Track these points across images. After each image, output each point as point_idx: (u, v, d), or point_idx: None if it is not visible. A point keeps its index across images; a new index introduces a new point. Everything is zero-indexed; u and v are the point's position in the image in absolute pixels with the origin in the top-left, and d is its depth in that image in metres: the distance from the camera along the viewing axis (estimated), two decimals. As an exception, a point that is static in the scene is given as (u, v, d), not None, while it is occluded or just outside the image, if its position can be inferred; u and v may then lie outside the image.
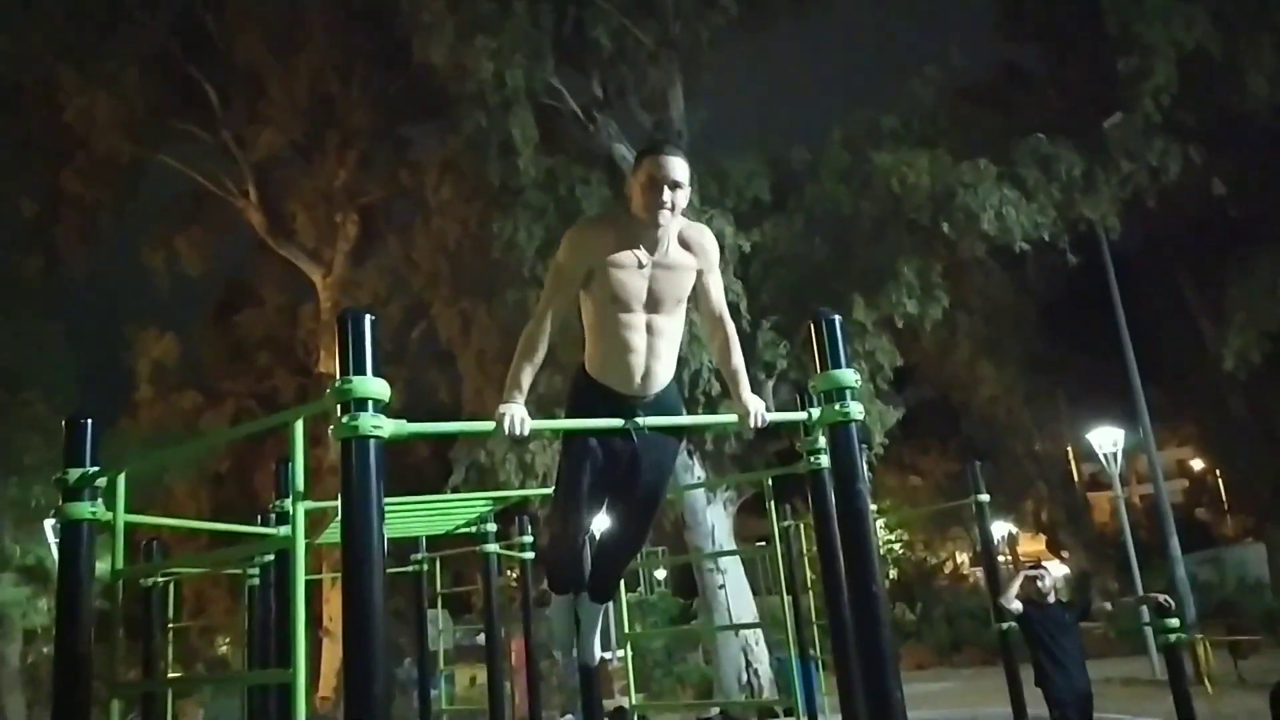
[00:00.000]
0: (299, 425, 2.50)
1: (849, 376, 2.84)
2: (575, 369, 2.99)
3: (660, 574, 25.55)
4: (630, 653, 5.04)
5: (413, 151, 20.69)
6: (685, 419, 2.98)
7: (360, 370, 2.32)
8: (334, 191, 20.71)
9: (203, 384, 21.41)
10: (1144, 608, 10.22)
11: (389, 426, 2.33)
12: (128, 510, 2.97)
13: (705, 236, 2.86)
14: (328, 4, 18.06)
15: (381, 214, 21.89)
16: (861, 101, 13.58)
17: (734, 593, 12.70)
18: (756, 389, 12.48)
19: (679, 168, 2.68)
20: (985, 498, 7.19)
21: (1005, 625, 6.83)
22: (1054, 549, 27.94)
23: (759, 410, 2.85)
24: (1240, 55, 11.69)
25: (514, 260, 12.23)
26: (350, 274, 20.94)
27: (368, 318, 2.37)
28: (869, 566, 2.72)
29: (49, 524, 10.65)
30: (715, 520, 12.80)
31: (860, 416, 2.84)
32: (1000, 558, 26.31)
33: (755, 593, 13.90)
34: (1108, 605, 6.77)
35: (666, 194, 2.65)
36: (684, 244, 2.80)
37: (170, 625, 6.69)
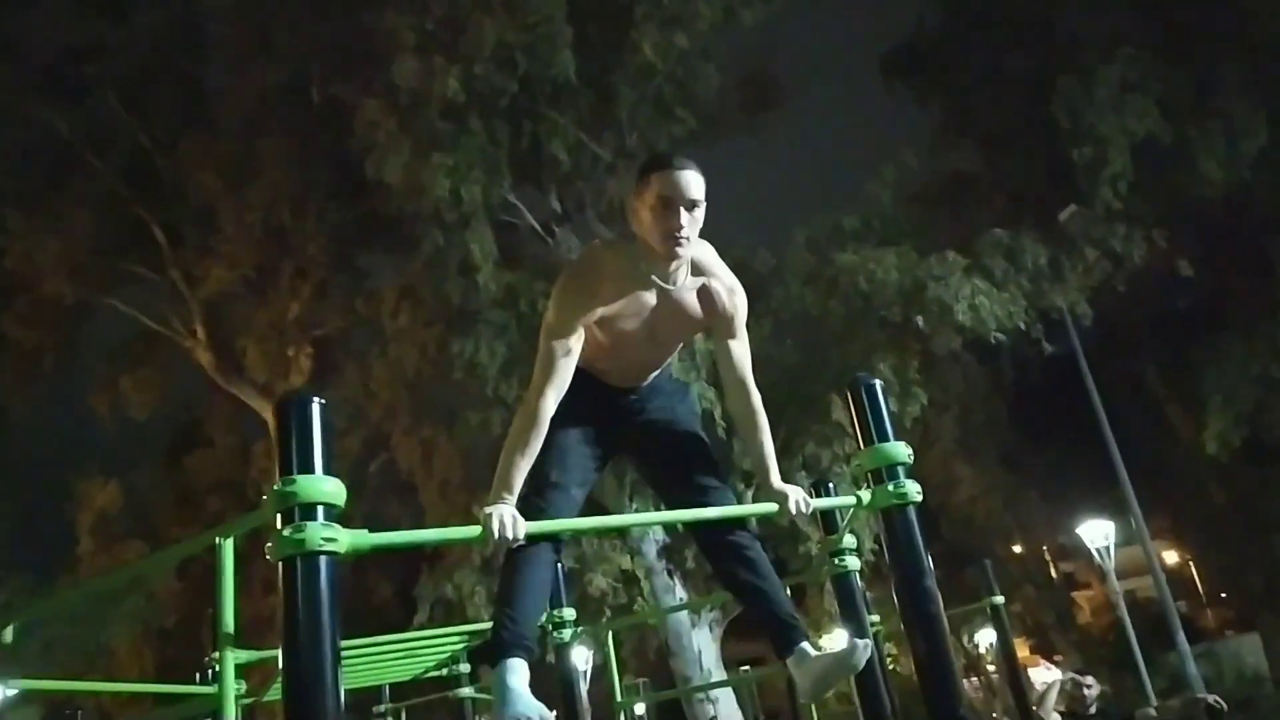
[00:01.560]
0: (228, 546, 1.95)
1: (901, 450, 2.38)
2: None
3: (640, 709, 24.14)
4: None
5: (370, 281, 20.43)
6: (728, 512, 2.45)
7: (307, 467, 1.80)
8: (287, 324, 20.19)
9: (149, 532, 20.27)
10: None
11: (346, 538, 1.80)
12: (50, 672, 2.36)
13: (730, 295, 2.40)
14: (281, 135, 17.99)
15: (338, 345, 21.38)
16: (821, 205, 13.60)
17: (726, 720, 11.83)
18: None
19: (695, 183, 2.24)
20: (1000, 599, 6.66)
21: (1038, 742, 6.23)
22: (1043, 652, 27.13)
23: (800, 498, 2.37)
24: (1191, 142, 11.89)
25: (476, 381, 11.79)
26: (306, 408, 20.24)
27: (315, 401, 1.87)
28: (952, 686, 2.19)
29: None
30: (702, 645, 12.02)
31: (919, 498, 2.36)
32: (989, 667, 25.58)
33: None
34: (1151, 710, 6.19)
35: (683, 217, 2.21)
36: (703, 292, 2.36)
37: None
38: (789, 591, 4.31)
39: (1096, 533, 14.67)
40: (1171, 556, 34.11)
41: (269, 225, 19.12)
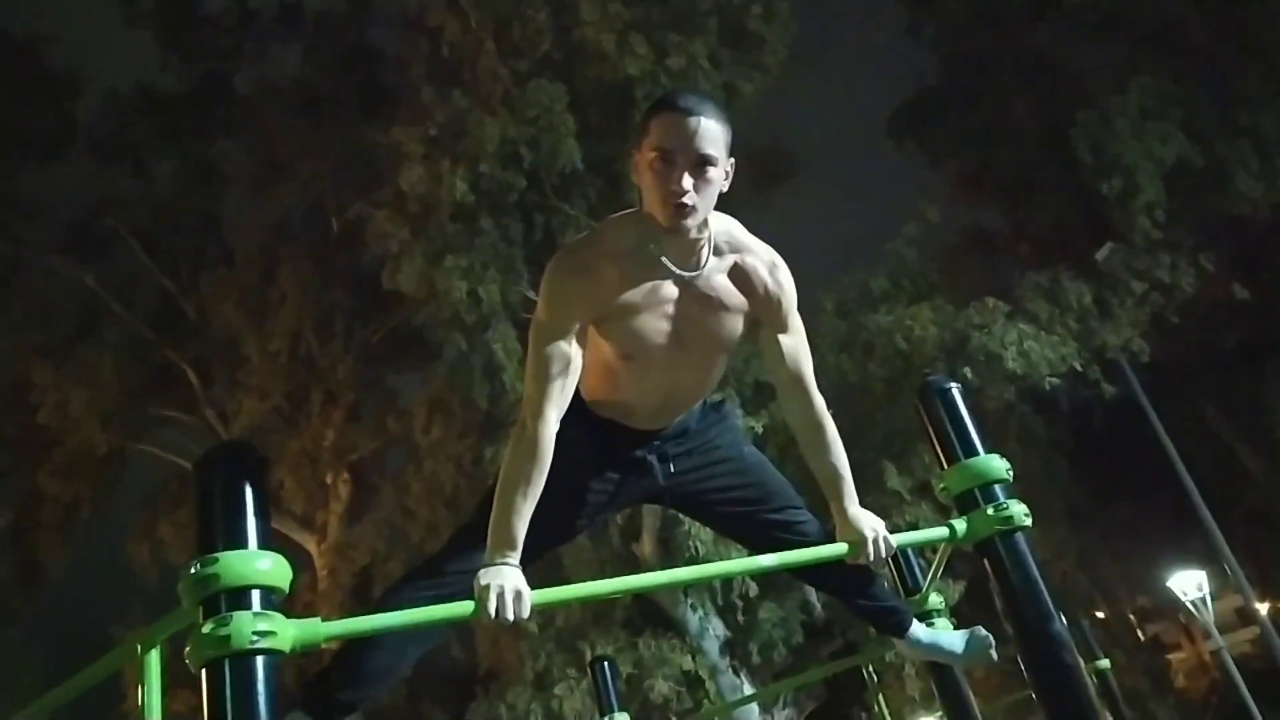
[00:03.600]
0: (153, 659, 1.52)
1: (998, 464, 1.91)
2: None
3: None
4: None
5: (400, 399, 20.31)
6: (770, 561, 1.97)
7: (236, 539, 1.37)
8: (322, 452, 20.01)
9: (197, 682, 19.70)
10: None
11: (289, 630, 1.36)
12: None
13: (772, 271, 1.88)
14: (299, 261, 18.17)
15: (373, 468, 21.13)
16: (845, 270, 13.25)
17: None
18: (792, 584, 11.36)
19: (706, 131, 1.68)
20: (1106, 663, 5.97)
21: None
22: (1144, 724, 25.41)
23: (880, 534, 1.88)
24: (1223, 162, 11.46)
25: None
26: (345, 535, 19.84)
27: (246, 456, 1.46)
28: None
29: None
30: (778, 744, 11.16)
31: (1028, 521, 1.88)
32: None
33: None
34: None
35: (685, 179, 1.67)
36: (735, 272, 1.84)
37: None
38: (874, 676, 3.77)
39: (1188, 583, 13.68)
40: (1262, 607, 32.16)
41: (295, 353, 19.14)
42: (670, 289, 1.80)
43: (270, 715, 1.28)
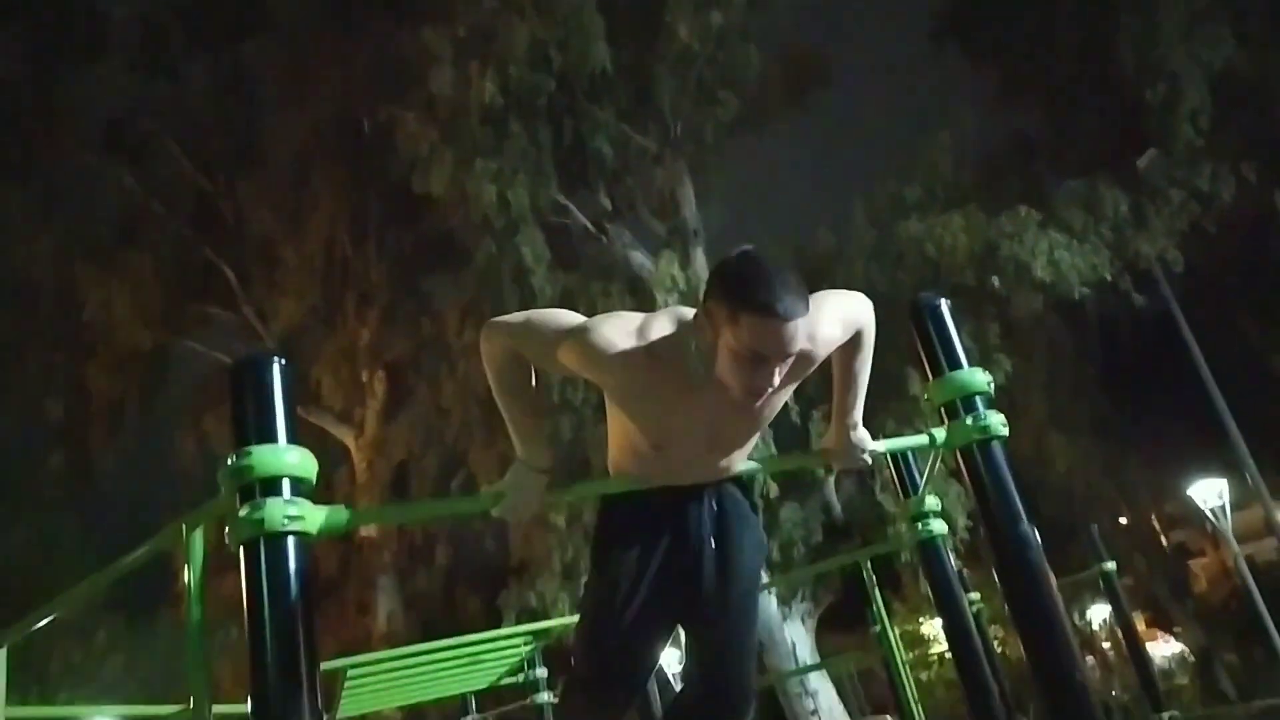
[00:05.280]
0: (197, 539, 1.71)
1: (979, 377, 2.02)
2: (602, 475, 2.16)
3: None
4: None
5: (434, 303, 20.56)
6: (754, 465, 2.12)
7: (267, 435, 1.54)
8: (358, 352, 20.43)
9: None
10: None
11: (316, 516, 1.53)
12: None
13: (823, 339, 1.87)
14: (333, 166, 18.24)
15: (409, 368, 21.53)
16: (879, 178, 13.07)
17: (828, 715, 11.34)
18: (814, 486, 11.60)
19: (800, 332, 1.65)
20: (1112, 565, 6.16)
21: (1168, 716, 5.70)
22: (1160, 626, 25.86)
23: (862, 441, 2.01)
24: (1273, 70, 11.07)
25: (541, 389, 11.61)
26: (382, 432, 20.39)
27: (276, 362, 1.61)
28: (1064, 645, 1.82)
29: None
30: (795, 638, 11.57)
31: (1005, 431, 2.00)
32: (1104, 645, 24.44)
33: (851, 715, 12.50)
34: None
35: (776, 374, 1.67)
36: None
37: None
38: (873, 574, 3.95)
39: (1209, 492, 13.77)
40: (1289, 519, 32.29)
41: (330, 256, 19.39)
42: (714, 396, 1.79)
43: (300, 590, 1.46)
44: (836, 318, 1.93)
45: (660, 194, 12.55)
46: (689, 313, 1.80)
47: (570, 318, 1.88)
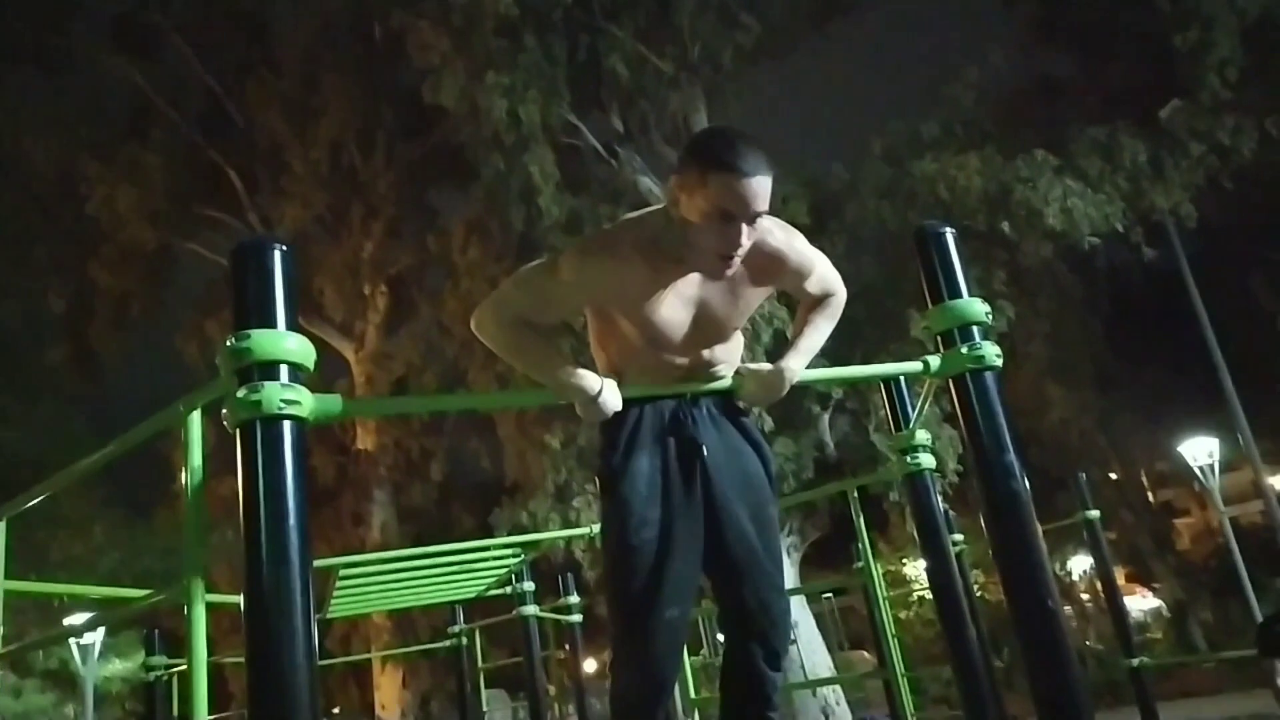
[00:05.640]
0: (194, 420, 1.73)
1: (977, 307, 2.03)
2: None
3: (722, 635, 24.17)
4: (699, 721, 4.16)
5: (440, 218, 20.41)
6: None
7: (266, 320, 1.55)
8: (361, 263, 20.37)
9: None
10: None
11: (311, 402, 1.55)
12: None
13: (790, 248, 1.97)
14: (343, 72, 17.93)
15: (412, 283, 21.50)
16: (898, 113, 12.86)
17: (807, 648, 11.59)
18: (809, 422, 11.67)
19: (765, 191, 1.74)
20: (1095, 514, 6.23)
21: (1137, 661, 5.84)
22: (1141, 580, 26.30)
23: (787, 366, 2.00)
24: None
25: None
26: (382, 346, 20.46)
27: (277, 248, 1.61)
28: (1039, 570, 1.86)
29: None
30: (781, 569, 11.79)
31: (999, 362, 2.01)
32: (1083, 595, 24.86)
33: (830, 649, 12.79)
34: None
35: (744, 234, 1.77)
36: (755, 256, 1.90)
37: (177, 724, 5.88)
38: (861, 515, 4.00)
39: (1200, 450, 13.87)
40: (1277, 480, 32.58)
41: (338, 164, 19.19)
42: (693, 280, 1.91)
43: (295, 473, 1.49)
44: (814, 254, 2.04)
45: (674, 119, 12.36)
46: (659, 206, 1.92)
47: (545, 258, 2.01)
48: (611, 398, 1.89)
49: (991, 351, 1.98)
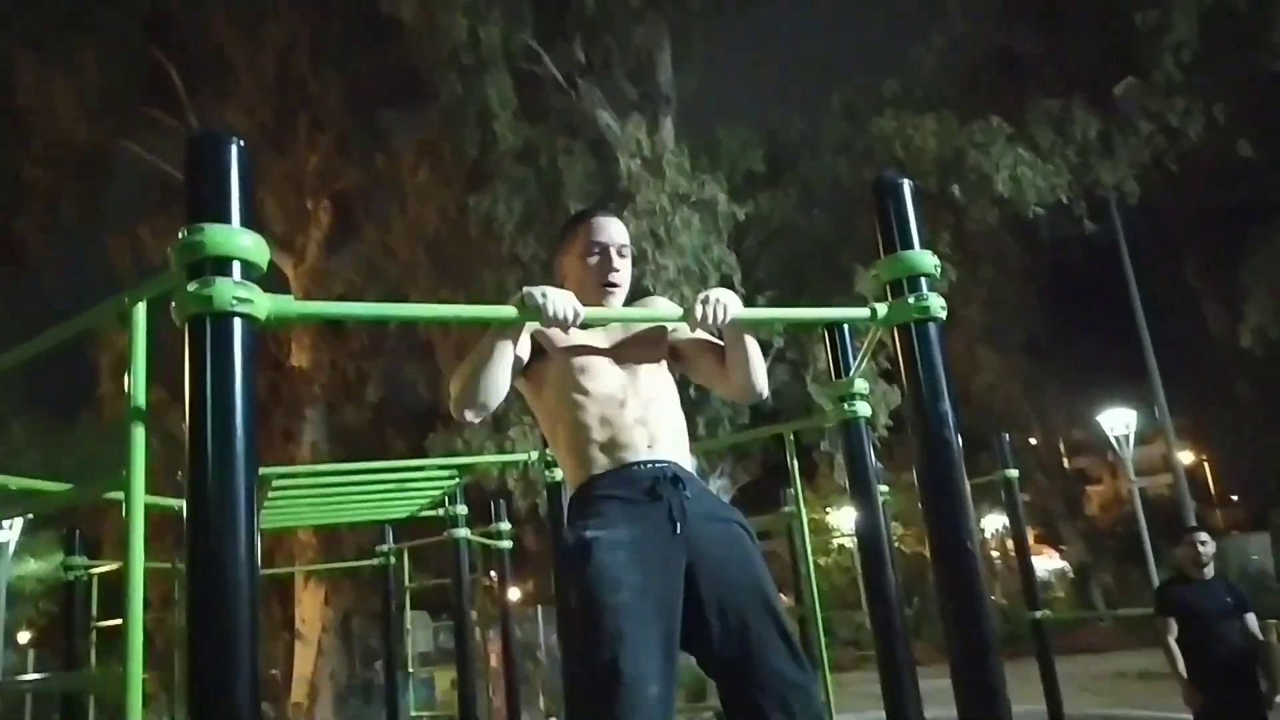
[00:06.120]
0: (139, 312, 1.70)
1: (927, 259, 2.07)
2: (562, 493, 2.24)
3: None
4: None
5: (390, 139, 19.91)
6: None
7: (221, 215, 1.52)
8: (305, 177, 19.80)
9: (166, 379, 20.46)
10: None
11: (265, 302, 1.53)
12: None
13: (653, 297, 2.43)
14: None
15: (357, 201, 21.00)
16: (861, 73, 12.88)
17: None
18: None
19: (622, 230, 2.18)
20: (1014, 473, 6.48)
21: (1040, 614, 6.12)
22: (1049, 541, 27.41)
23: (719, 299, 1.95)
24: (1266, 11, 11.01)
25: (493, 240, 11.50)
26: (323, 263, 20.02)
27: (235, 142, 1.58)
28: (963, 514, 1.95)
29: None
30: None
31: (943, 314, 2.07)
32: (993, 553, 25.84)
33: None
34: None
35: (616, 260, 2.13)
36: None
37: (94, 625, 5.84)
38: (797, 461, 4.03)
39: (1117, 421, 14.41)
40: (1188, 457, 34.09)
41: (285, 73, 18.52)
42: (602, 334, 2.12)
43: (245, 373, 1.47)
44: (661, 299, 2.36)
45: (637, 54, 12.18)
46: None
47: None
48: (561, 296, 1.80)
49: (937, 303, 2.04)
